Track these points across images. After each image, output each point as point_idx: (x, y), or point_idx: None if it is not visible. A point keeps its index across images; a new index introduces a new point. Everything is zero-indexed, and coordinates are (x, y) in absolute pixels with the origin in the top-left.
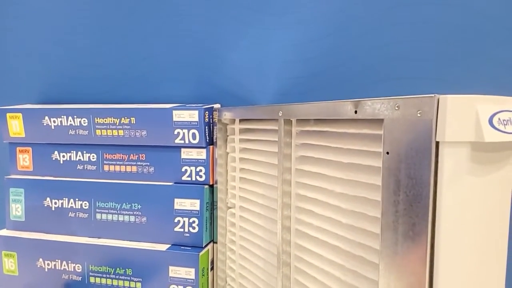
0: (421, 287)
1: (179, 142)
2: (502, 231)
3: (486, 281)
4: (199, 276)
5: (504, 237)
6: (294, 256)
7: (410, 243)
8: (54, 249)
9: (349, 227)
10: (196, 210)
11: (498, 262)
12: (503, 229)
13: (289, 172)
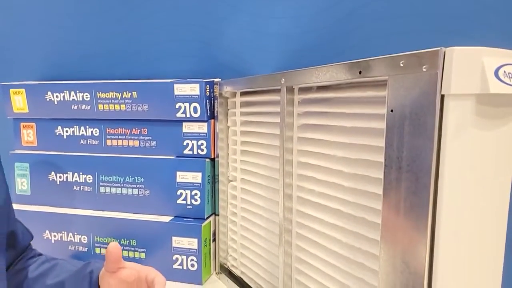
0: (423, 242)
1: (180, 116)
2: (504, 186)
3: (486, 233)
4: (202, 246)
5: (506, 192)
6: (295, 223)
7: (413, 199)
8: (60, 221)
9: (351, 190)
10: (198, 183)
11: (499, 215)
12: (505, 184)
13: (291, 141)
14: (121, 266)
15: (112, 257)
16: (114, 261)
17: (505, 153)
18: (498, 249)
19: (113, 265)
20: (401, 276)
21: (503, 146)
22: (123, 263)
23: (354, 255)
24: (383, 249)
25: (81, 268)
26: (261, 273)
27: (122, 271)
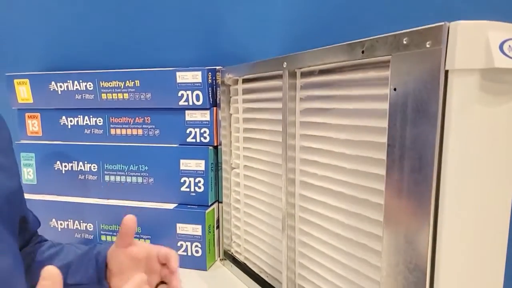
0: (426, 221)
1: (183, 104)
2: (510, 163)
3: (491, 211)
4: (206, 232)
5: (511, 169)
6: (298, 207)
7: (417, 177)
8: (66, 209)
9: (353, 172)
10: (201, 170)
11: (504, 192)
12: (510, 161)
13: (293, 126)
14: (131, 243)
15: (126, 229)
16: (128, 234)
17: (510, 130)
18: (503, 227)
19: (126, 239)
20: (404, 256)
21: (508, 123)
22: (134, 241)
23: (357, 237)
24: (386, 229)
25: (87, 250)
26: (265, 258)
27: (133, 248)
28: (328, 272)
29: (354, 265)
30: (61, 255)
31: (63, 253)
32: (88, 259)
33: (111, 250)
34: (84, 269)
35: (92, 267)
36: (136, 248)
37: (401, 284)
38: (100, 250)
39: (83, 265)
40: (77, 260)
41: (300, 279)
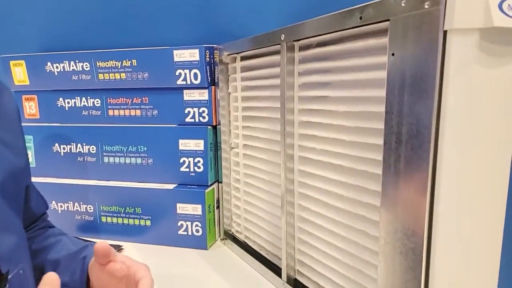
0: (425, 186)
1: (181, 83)
2: (509, 127)
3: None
4: (206, 212)
5: (510, 134)
6: (297, 182)
7: (415, 142)
8: (66, 191)
9: (352, 144)
10: (200, 150)
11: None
12: (509, 125)
13: (292, 101)
14: (111, 259)
15: (100, 253)
16: (102, 256)
17: (509, 92)
18: (501, 190)
19: (102, 260)
20: (402, 222)
21: (507, 85)
22: (114, 256)
23: (355, 209)
24: (384, 198)
25: (77, 250)
26: (265, 235)
27: (112, 265)
28: (327, 246)
29: (353, 237)
30: (56, 248)
31: (58, 246)
32: (76, 261)
33: (91, 263)
34: (71, 271)
35: (77, 271)
36: (116, 265)
37: (399, 251)
38: (87, 254)
39: (70, 266)
40: (67, 258)
41: (300, 254)
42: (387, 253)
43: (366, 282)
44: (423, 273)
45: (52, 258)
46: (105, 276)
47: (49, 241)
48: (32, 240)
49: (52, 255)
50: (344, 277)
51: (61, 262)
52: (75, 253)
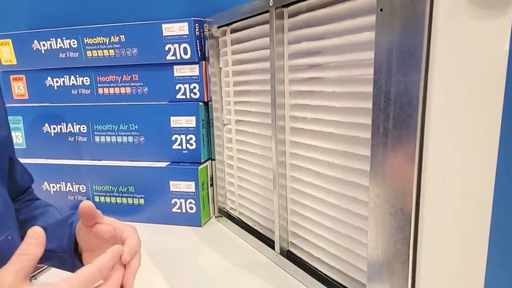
0: (413, 143)
1: (170, 58)
2: (498, 85)
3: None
4: (199, 189)
5: (500, 91)
6: (289, 154)
7: (403, 99)
8: (58, 172)
9: (343, 110)
10: (192, 127)
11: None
12: (499, 83)
13: (282, 71)
14: (98, 221)
15: (85, 214)
16: (88, 217)
17: (499, 47)
18: (491, 150)
19: (88, 221)
20: (392, 183)
21: (497, 40)
22: (100, 218)
23: (346, 175)
24: (373, 160)
25: (64, 218)
26: (259, 210)
27: (99, 227)
28: (319, 215)
29: (345, 204)
30: (43, 217)
31: (45, 215)
32: (63, 228)
33: (79, 226)
34: (58, 237)
35: (64, 237)
36: (103, 227)
37: (388, 212)
38: (73, 220)
39: (58, 233)
40: (54, 226)
41: (292, 226)
42: (377, 215)
43: (357, 249)
44: (412, 233)
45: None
46: (93, 238)
47: (36, 211)
48: (19, 211)
49: (39, 223)
50: (335, 245)
51: (48, 229)
52: (62, 220)
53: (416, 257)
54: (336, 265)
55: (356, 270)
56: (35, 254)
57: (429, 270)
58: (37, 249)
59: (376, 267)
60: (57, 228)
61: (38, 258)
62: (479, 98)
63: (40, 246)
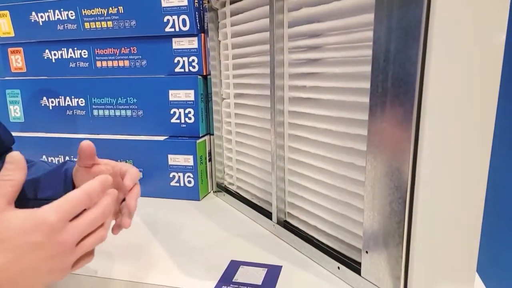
0: (411, 102)
1: (169, 30)
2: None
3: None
4: (198, 163)
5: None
6: (287, 124)
7: (402, 55)
8: (56, 145)
9: (343, 76)
10: (191, 101)
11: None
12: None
13: (281, 39)
14: (95, 162)
15: (85, 153)
16: (87, 157)
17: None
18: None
19: (87, 161)
20: (389, 143)
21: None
22: (97, 160)
23: (344, 142)
24: (371, 122)
25: (56, 167)
26: (257, 183)
27: (96, 167)
28: (316, 184)
29: (342, 171)
30: (32, 170)
31: (34, 167)
32: (57, 175)
33: (76, 169)
34: (54, 185)
35: (60, 184)
36: (100, 167)
37: (385, 172)
38: (68, 167)
39: (52, 181)
40: (46, 175)
41: (290, 197)
42: (373, 177)
43: (353, 214)
44: (408, 192)
45: (30, 178)
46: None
47: None
48: None
49: (29, 176)
50: (332, 212)
51: (40, 179)
52: (54, 169)
53: (411, 217)
54: (332, 232)
55: (352, 236)
56: (17, 179)
57: (425, 229)
58: (18, 173)
59: (372, 229)
60: (51, 176)
61: (21, 184)
62: (478, 59)
63: (21, 171)
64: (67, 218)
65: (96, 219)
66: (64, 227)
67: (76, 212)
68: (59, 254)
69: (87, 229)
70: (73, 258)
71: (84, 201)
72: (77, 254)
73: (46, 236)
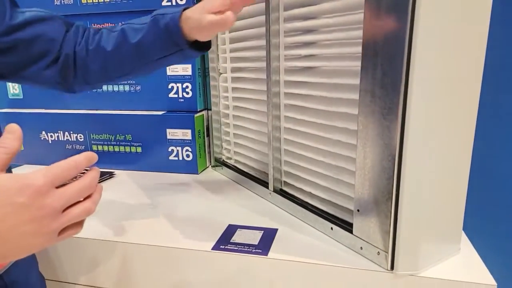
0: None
1: (166, 4)
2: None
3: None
4: (196, 137)
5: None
6: (283, 94)
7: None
8: (55, 121)
9: (336, 44)
10: (188, 75)
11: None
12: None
13: (277, 9)
14: None
15: None
16: None
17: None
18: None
19: None
20: (379, 103)
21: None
22: None
23: (337, 107)
24: (363, 78)
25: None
26: (254, 155)
27: None
28: (311, 151)
29: (336, 137)
30: (131, 35)
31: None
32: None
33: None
34: (160, 43)
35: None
36: None
37: (376, 132)
38: (167, 20)
39: (156, 40)
40: (148, 37)
41: (285, 165)
42: (365, 136)
43: (346, 178)
44: (397, 149)
45: (134, 42)
46: None
47: (116, 35)
48: (100, 48)
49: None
50: (326, 177)
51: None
52: (152, 31)
53: (400, 173)
54: (326, 196)
55: (345, 198)
56: (11, 148)
57: (412, 186)
58: (13, 143)
59: (363, 187)
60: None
61: (15, 152)
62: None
63: (17, 141)
64: (54, 183)
65: (82, 189)
66: (49, 191)
67: (64, 179)
68: (43, 217)
69: (73, 198)
70: (58, 224)
71: (72, 169)
72: (63, 221)
73: (31, 197)
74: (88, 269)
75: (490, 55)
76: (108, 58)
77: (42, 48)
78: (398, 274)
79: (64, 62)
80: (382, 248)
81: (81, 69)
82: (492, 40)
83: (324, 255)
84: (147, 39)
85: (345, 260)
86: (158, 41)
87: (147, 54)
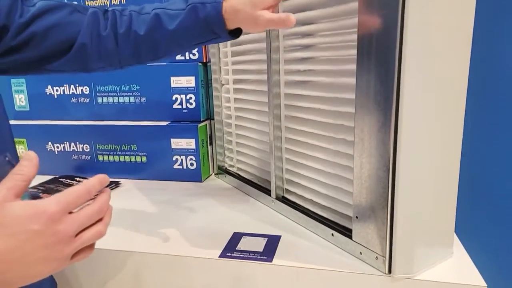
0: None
1: None
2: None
3: None
4: (199, 146)
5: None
6: (284, 106)
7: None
8: (61, 132)
9: (333, 60)
10: (192, 87)
11: None
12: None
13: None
14: None
15: None
16: None
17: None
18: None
19: None
20: (374, 105)
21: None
22: None
23: (335, 119)
24: (359, 75)
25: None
26: (256, 163)
27: None
28: (311, 160)
29: (335, 147)
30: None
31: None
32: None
33: None
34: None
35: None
36: None
37: (371, 143)
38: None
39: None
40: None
41: (287, 174)
42: (361, 148)
43: (345, 186)
44: (391, 160)
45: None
46: None
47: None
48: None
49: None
50: (325, 185)
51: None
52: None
53: (394, 182)
54: (326, 203)
55: (344, 205)
56: (28, 175)
57: (406, 194)
58: (30, 170)
59: (360, 196)
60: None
61: (31, 179)
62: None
63: (34, 168)
64: (66, 209)
65: (94, 214)
66: (63, 218)
67: (76, 205)
68: (56, 243)
69: (85, 222)
70: (70, 249)
71: (84, 195)
72: (75, 246)
73: (44, 224)
74: (99, 279)
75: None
76: (140, 42)
77: (58, 38)
78: (396, 277)
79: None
80: (380, 253)
81: (110, 53)
82: None
83: (326, 261)
84: (184, 26)
85: (346, 265)
86: (196, 30)
87: (183, 40)
